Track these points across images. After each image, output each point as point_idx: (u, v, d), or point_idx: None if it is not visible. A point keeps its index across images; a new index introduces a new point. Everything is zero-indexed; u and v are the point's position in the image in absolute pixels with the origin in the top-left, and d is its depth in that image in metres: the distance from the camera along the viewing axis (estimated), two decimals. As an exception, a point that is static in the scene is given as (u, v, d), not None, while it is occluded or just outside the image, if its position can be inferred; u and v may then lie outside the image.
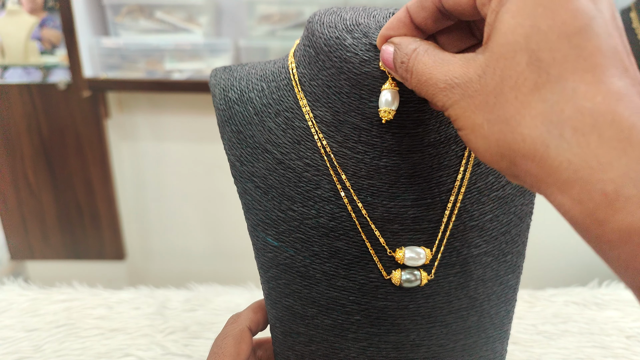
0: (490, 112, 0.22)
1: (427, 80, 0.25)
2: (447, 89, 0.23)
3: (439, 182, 0.33)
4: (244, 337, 0.37)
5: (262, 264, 0.36)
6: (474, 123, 0.22)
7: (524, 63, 0.20)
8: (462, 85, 0.23)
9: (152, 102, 1.26)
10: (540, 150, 0.20)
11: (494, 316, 0.37)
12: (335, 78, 0.32)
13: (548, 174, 0.20)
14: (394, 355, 0.35)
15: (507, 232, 0.36)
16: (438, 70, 0.24)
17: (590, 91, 0.19)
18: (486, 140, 0.22)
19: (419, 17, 0.26)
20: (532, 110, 0.20)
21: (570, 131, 0.19)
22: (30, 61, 1.21)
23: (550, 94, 0.20)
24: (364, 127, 0.32)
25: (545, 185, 0.20)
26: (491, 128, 0.22)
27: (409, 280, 0.33)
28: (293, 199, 0.34)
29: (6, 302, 0.68)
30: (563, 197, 0.20)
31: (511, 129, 0.21)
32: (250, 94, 0.36)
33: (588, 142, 0.19)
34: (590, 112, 0.19)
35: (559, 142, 0.19)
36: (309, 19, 0.35)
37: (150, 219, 1.38)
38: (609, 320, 0.68)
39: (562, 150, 0.19)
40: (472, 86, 0.22)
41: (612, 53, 0.20)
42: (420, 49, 0.26)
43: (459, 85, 0.23)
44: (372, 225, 0.33)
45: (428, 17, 0.26)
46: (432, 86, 0.24)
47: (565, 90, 0.20)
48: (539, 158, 0.20)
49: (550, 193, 0.20)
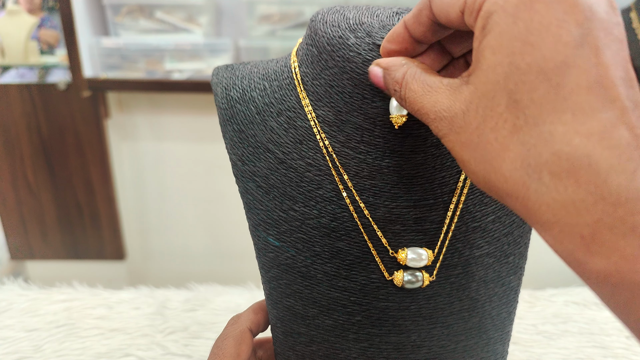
0: (474, 150, 0.22)
1: (419, 110, 0.25)
2: (437, 120, 0.23)
3: (442, 183, 0.33)
4: (245, 338, 0.37)
5: (263, 264, 0.36)
6: (463, 158, 0.23)
7: (503, 104, 0.20)
8: (449, 119, 0.23)
9: (152, 102, 1.26)
10: (522, 192, 0.20)
11: (495, 317, 0.36)
12: (337, 77, 0.32)
13: (530, 214, 0.20)
14: (394, 356, 0.35)
15: (509, 234, 0.35)
16: (427, 99, 0.24)
17: (568, 133, 0.19)
18: (475, 175, 0.22)
19: (417, 32, 0.26)
20: (511, 153, 0.20)
21: (548, 176, 0.19)
22: (30, 61, 1.21)
23: (528, 137, 0.20)
24: (366, 127, 0.32)
25: (531, 222, 0.21)
26: (477, 166, 0.22)
27: (410, 281, 0.33)
28: (295, 198, 0.34)
29: (6, 302, 0.68)
30: (546, 234, 0.20)
31: (494, 169, 0.21)
32: (253, 93, 0.36)
33: (565, 187, 0.19)
34: (567, 156, 0.19)
35: (537, 185, 0.20)
36: (312, 17, 0.35)
37: (150, 219, 1.37)
38: (609, 320, 0.68)
39: (541, 193, 0.20)
40: (457, 122, 0.22)
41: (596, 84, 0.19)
42: (409, 75, 0.25)
43: (446, 119, 0.23)
44: (374, 225, 0.33)
45: (426, 31, 0.26)
46: (424, 115, 0.24)
47: (543, 134, 0.19)
48: (521, 199, 0.20)
49: (536, 229, 0.21)
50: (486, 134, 0.21)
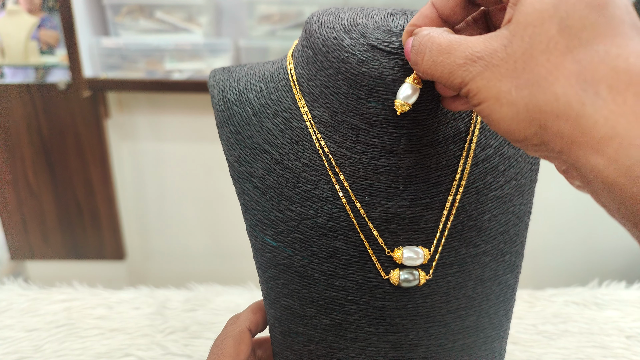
0: (518, 77, 0.22)
1: (442, 60, 0.25)
2: (468, 64, 0.23)
3: (437, 182, 0.33)
4: (244, 337, 0.37)
5: (261, 264, 0.36)
6: (500, 91, 0.22)
7: (554, 29, 0.21)
8: (485, 57, 0.23)
9: (152, 102, 1.26)
10: (576, 108, 0.20)
11: (492, 316, 0.37)
12: (333, 78, 0.32)
13: (583, 132, 0.20)
14: (392, 355, 0.35)
15: (505, 232, 0.36)
16: (455, 48, 0.24)
17: (622, 53, 0.20)
18: (513, 106, 0.22)
19: (446, 8, 0.27)
20: (565, 71, 0.20)
21: (606, 89, 0.19)
22: (30, 61, 1.21)
23: (583, 55, 0.20)
24: (362, 127, 0.32)
25: (577, 147, 0.20)
26: (520, 92, 0.22)
27: (407, 279, 0.33)
28: (291, 199, 0.34)
29: (6, 302, 0.69)
30: (597, 157, 0.20)
31: (543, 90, 0.21)
32: (249, 94, 0.36)
33: (624, 99, 0.19)
34: (625, 70, 0.19)
35: (594, 99, 0.20)
36: (307, 19, 0.35)
37: (150, 219, 1.38)
38: (609, 320, 0.68)
39: (599, 107, 0.19)
40: (497, 55, 0.22)
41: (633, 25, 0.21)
42: (434, 32, 0.26)
43: (482, 58, 0.23)
44: (370, 225, 0.33)
45: (456, 5, 0.27)
46: (448, 65, 0.24)
47: (598, 52, 0.20)
48: (574, 116, 0.20)
49: (582, 155, 0.20)
50: (535, 57, 0.21)
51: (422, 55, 0.26)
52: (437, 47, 0.25)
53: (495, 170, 0.35)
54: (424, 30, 0.27)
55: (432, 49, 0.25)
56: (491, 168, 0.35)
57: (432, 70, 0.26)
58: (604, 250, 1.36)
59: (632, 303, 0.71)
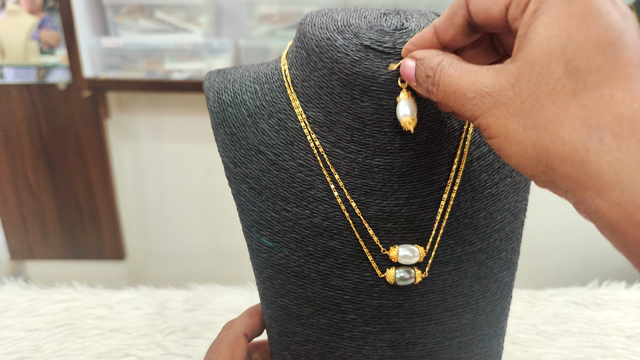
0: (526, 117, 0.22)
1: (454, 92, 0.25)
2: (477, 98, 0.24)
3: (432, 181, 0.33)
4: (239, 342, 0.37)
5: (257, 264, 0.36)
6: (508, 129, 0.23)
7: (560, 71, 0.21)
8: (494, 94, 0.23)
9: (152, 102, 1.26)
10: (581, 153, 0.20)
11: (489, 313, 0.37)
12: (326, 79, 0.32)
13: (588, 176, 0.20)
14: (389, 353, 0.35)
15: (501, 229, 0.36)
16: (465, 80, 0.24)
17: (627, 98, 0.20)
18: (522, 145, 0.22)
19: (447, 34, 0.27)
20: (571, 115, 0.21)
21: (610, 135, 0.20)
22: (30, 61, 1.21)
23: (588, 100, 0.20)
24: (356, 127, 0.32)
25: (583, 189, 0.21)
26: (527, 133, 0.22)
27: (403, 278, 0.33)
28: (287, 199, 0.34)
29: (6, 302, 0.69)
30: (601, 200, 0.20)
31: (549, 133, 0.21)
32: (244, 96, 0.37)
33: (628, 146, 0.19)
34: (629, 117, 0.20)
35: (599, 145, 0.20)
36: (301, 20, 0.35)
37: (150, 219, 1.38)
38: (609, 320, 0.68)
39: (603, 153, 0.20)
40: (505, 94, 0.23)
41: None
42: (445, 62, 0.26)
43: (490, 94, 0.23)
44: (366, 224, 0.33)
45: (457, 33, 0.27)
46: (460, 97, 0.25)
47: (603, 97, 0.20)
48: (579, 161, 0.20)
49: (587, 197, 0.21)
50: (542, 99, 0.21)
51: (437, 87, 0.26)
52: (448, 79, 0.25)
53: (490, 167, 0.35)
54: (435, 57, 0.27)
55: (444, 80, 0.26)
56: (486, 166, 0.35)
57: (445, 101, 0.26)
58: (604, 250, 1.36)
59: (632, 303, 0.71)
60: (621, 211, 0.20)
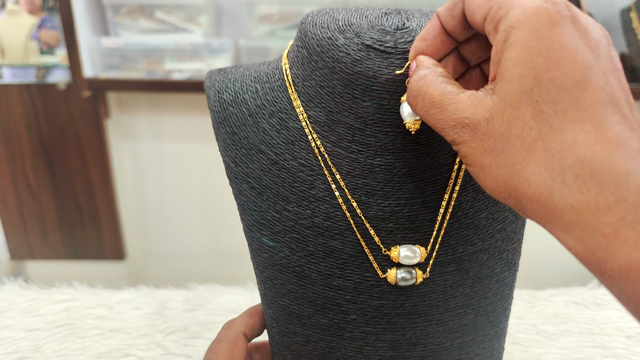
0: (497, 155, 0.23)
1: (435, 114, 0.25)
2: (457, 127, 0.24)
3: (433, 181, 0.33)
4: (238, 342, 0.37)
5: (258, 264, 0.36)
6: (483, 164, 0.24)
7: (529, 114, 0.22)
8: (471, 127, 0.24)
9: (152, 102, 1.26)
10: (545, 194, 0.21)
11: (490, 314, 0.37)
12: (328, 78, 0.32)
13: (552, 215, 0.21)
14: (390, 354, 0.35)
15: (502, 230, 0.36)
16: (446, 105, 0.25)
17: (589, 140, 0.21)
18: (494, 180, 0.23)
19: (448, 25, 0.27)
20: (536, 158, 0.22)
21: (572, 178, 0.21)
22: (30, 61, 1.21)
23: (553, 143, 0.21)
24: (357, 127, 0.32)
25: (550, 225, 0.22)
26: (499, 170, 0.23)
27: (404, 278, 0.33)
28: (288, 199, 0.34)
29: (6, 302, 0.69)
30: (566, 236, 0.21)
31: (517, 173, 0.22)
32: (245, 95, 0.37)
33: (588, 189, 0.20)
34: (590, 160, 0.20)
35: (561, 187, 0.21)
36: (302, 20, 0.35)
37: (150, 219, 1.38)
38: (609, 320, 0.68)
39: (565, 195, 0.21)
40: (481, 129, 0.23)
41: (609, 102, 0.21)
42: (429, 78, 0.26)
43: (468, 126, 0.24)
44: (367, 224, 0.33)
45: (457, 25, 0.27)
46: (441, 121, 0.25)
47: (567, 140, 0.21)
48: (543, 201, 0.21)
49: (555, 231, 0.22)
50: (512, 140, 0.22)
51: (416, 102, 0.27)
52: (429, 99, 0.26)
53: None
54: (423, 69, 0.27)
55: (425, 98, 0.26)
56: None
57: (426, 118, 0.26)
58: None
59: (632, 303, 0.71)
60: (584, 247, 0.21)
